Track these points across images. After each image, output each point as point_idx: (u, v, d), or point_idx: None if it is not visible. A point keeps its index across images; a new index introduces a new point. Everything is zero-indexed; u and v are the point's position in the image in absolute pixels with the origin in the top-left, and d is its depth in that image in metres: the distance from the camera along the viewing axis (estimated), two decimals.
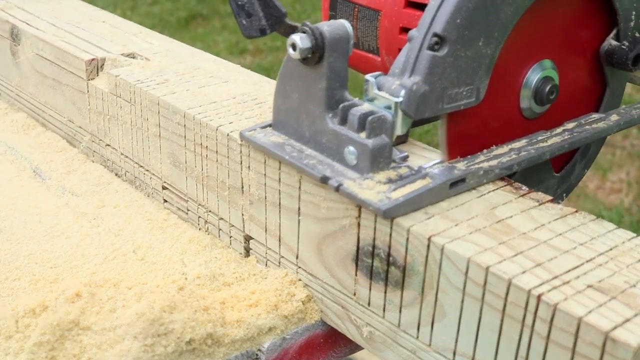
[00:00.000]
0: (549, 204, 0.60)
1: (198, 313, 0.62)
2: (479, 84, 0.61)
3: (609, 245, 0.55)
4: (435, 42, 0.58)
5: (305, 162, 0.62)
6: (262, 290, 0.67)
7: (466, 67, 0.60)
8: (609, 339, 0.46)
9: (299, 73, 0.62)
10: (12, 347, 0.60)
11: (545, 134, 0.68)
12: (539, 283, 0.50)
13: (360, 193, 0.57)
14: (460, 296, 0.54)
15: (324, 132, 0.62)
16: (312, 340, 0.68)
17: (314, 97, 0.61)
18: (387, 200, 0.56)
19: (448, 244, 0.54)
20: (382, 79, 0.60)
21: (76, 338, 0.60)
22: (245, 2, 0.60)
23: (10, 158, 0.93)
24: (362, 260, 0.61)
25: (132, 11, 3.86)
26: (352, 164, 0.60)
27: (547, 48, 0.68)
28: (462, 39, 0.58)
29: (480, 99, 0.62)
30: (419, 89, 0.58)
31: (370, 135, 0.59)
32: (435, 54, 0.58)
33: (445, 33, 0.58)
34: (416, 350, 0.59)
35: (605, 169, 2.45)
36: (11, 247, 0.75)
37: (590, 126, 0.70)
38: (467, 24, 0.58)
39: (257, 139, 0.65)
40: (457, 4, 0.58)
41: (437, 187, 0.59)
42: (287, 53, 0.60)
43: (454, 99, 0.60)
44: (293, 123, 0.65)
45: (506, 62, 0.64)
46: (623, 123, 0.72)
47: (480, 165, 0.62)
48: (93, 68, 0.89)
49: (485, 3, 0.59)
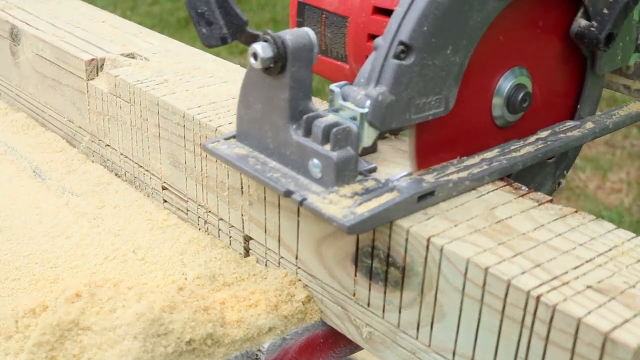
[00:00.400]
0: (549, 204, 0.60)
1: (198, 313, 0.62)
2: (447, 93, 0.59)
3: (608, 246, 0.55)
4: (401, 50, 0.56)
5: (269, 176, 0.60)
6: (261, 291, 0.67)
7: (434, 76, 0.58)
8: (608, 339, 0.46)
9: (261, 83, 0.60)
10: (12, 347, 0.60)
11: (518, 143, 0.67)
12: (538, 284, 0.50)
13: (324, 208, 0.55)
14: (459, 297, 0.54)
15: (288, 144, 0.60)
16: (312, 341, 0.68)
17: (277, 107, 0.60)
18: (351, 216, 0.55)
19: (447, 244, 0.54)
20: (348, 88, 0.58)
21: (76, 338, 0.60)
22: (205, 10, 0.57)
23: (10, 158, 0.93)
24: (362, 261, 0.61)
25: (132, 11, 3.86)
26: (317, 177, 0.58)
27: (520, 55, 0.66)
28: (429, 47, 0.57)
29: (449, 108, 0.60)
30: (385, 100, 0.56)
31: (335, 148, 0.57)
32: (401, 63, 0.56)
33: (412, 41, 0.56)
34: (416, 351, 0.59)
35: (605, 169, 2.45)
36: (11, 247, 0.75)
37: (565, 134, 0.69)
38: (435, 31, 0.57)
39: (220, 151, 0.64)
40: (423, 11, 0.56)
41: (404, 201, 0.57)
42: (249, 63, 0.58)
43: (422, 109, 0.58)
44: (257, 134, 0.63)
45: (477, 69, 0.62)
46: (598, 131, 0.71)
47: (449, 177, 0.60)
48: (93, 68, 0.89)
49: (453, 10, 0.57)
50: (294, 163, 0.60)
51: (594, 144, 2.56)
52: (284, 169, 0.61)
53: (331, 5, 0.72)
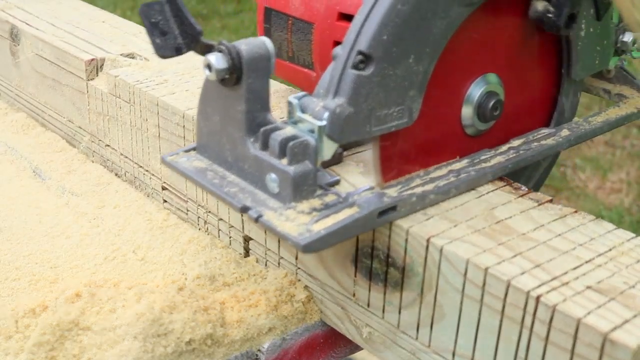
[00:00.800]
0: (548, 204, 0.60)
1: (198, 313, 0.62)
2: (411, 104, 0.57)
3: (608, 246, 0.55)
4: (360, 60, 0.54)
5: (226, 190, 0.58)
6: (261, 291, 0.67)
7: (396, 87, 0.56)
8: (607, 340, 0.46)
9: (218, 94, 0.58)
10: (12, 347, 0.60)
11: (488, 153, 0.65)
12: (538, 284, 0.50)
13: (280, 225, 0.53)
14: (459, 297, 0.54)
15: (246, 158, 0.57)
16: (312, 341, 0.68)
17: (234, 120, 0.57)
18: (307, 234, 0.53)
19: (447, 245, 0.54)
20: (307, 100, 0.56)
21: (76, 338, 0.60)
22: (159, 20, 0.54)
23: (10, 158, 0.93)
24: (362, 261, 0.61)
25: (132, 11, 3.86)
26: (275, 192, 0.56)
27: (490, 61, 0.64)
28: (389, 57, 0.54)
29: (413, 119, 0.58)
30: (343, 112, 0.54)
31: (292, 162, 0.54)
32: (360, 74, 0.54)
33: (371, 51, 0.54)
34: (415, 351, 0.59)
35: (605, 169, 2.45)
36: (11, 247, 0.75)
37: (538, 143, 0.67)
38: (395, 40, 0.54)
39: (179, 165, 0.61)
40: (382, 20, 0.54)
41: (363, 218, 0.55)
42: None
43: (384, 120, 0.56)
44: (215, 147, 0.60)
45: (444, 77, 0.60)
46: (574, 139, 0.69)
47: (413, 190, 0.58)
48: (93, 68, 0.89)
49: (415, 18, 0.55)
50: (252, 177, 0.58)
51: (594, 144, 2.56)
52: (242, 183, 0.58)
53: (297, 11, 0.69)
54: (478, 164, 0.63)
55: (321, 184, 0.57)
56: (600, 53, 0.71)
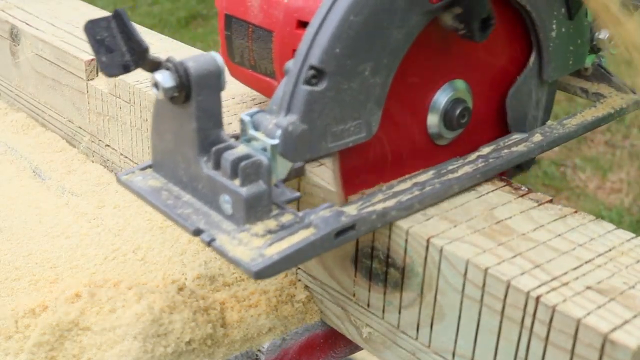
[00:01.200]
0: (548, 204, 0.60)
1: (198, 313, 0.62)
2: (369, 117, 0.55)
3: (608, 246, 0.55)
4: (312, 75, 0.52)
5: (179, 212, 0.55)
6: (261, 291, 0.67)
7: (352, 101, 0.54)
8: (607, 340, 0.46)
9: (170, 112, 0.55)
10: (12, 347, 0.60)
11: (456, 163, 0.63)
12: (537, 284, 0.50)
13: (232, 250, 0.51)
14: (459, 298, 0.54)
15: (199, 178, 0.55)
16: (312, 341, 0.68)
17: (186, 139, 0.54)
18: (260, 259, 0.50)
19: (447, 245, 0.54)
20: (260, 116, 0.54)
21: (76, 338, 0.60)
22: (105, 37, 0.51)
23: (10, 158, 0.93)
24: (362, 262, 0.61)
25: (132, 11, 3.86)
26: (228, 214, 0.53)
27: (456, 67, 0.62)
28: (343, 70, 0.52)
29: (372, 132, 0.56)
30: (296, 129, 0.52)
31: (245, 183, 0.52)
32: (312, 89, 0.52)
33: (323, 65, 0.52)
34: (415, 352, 0.59)
35: (605, 169, 2.45)
36: (11, 247, 0.75)
37: (509, 150, 0.65)
38: (349, 53, 0.52)
39: (133, 184, 0.59)
40: (334, 32, 0.52)
41: (319, 240, 0.52)
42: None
43: (340, 136, 0.54)
44: (171, 165, 0.58)
45: (405, 87, 0.58)
46: (546, 144, 0.67)
47: (374, 207, 0.56)
48: (93, 68, 0.89)
49: (369, 29, 0.53)
50: (206, 198, 0.55)
51: (594, 144, 2.56)
52: (197, 204, 0.55)
53: (256, 18, 0.66)
54: (444, 175, 0.61)
55: (278, 202, 0.55)
56: (575, 52, 0.69)
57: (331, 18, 0.52)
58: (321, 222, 0.54)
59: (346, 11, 0.52)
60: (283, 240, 0.52)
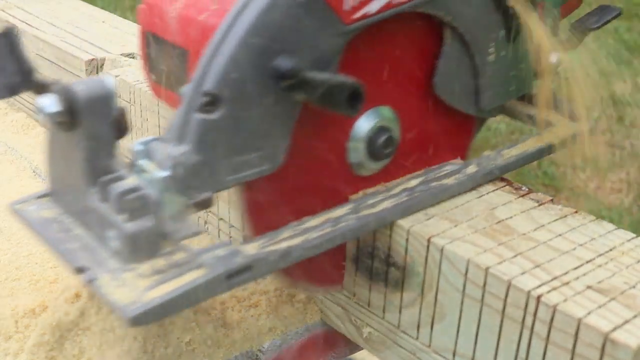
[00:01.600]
0: (549, 204, 0.60)
1: (198, 314, 0.62)
2: (274, 148, 0.50)
3: (608, 246, 0.55)
4: (206, 102, 0.47)
5: (65, 247, 0.51)
6: (262, 291, 0.67)
7: (253, 130, 0.49)
8: (608, 340, 0.46)
9: (60, 139, 0.52)
10: (11, 347, 0.60)
11: (377, 197, 0.58)
12: (538, 284, 0.50)
13: (111, 293, 0.47)
14: (459, 297, 0.54)
15: (89, 210, 0.50)
16: (312, 341, 0.68)
17: (76, 168, 0.50)
18: (138, 304, 0.46)
19: (448, 244, 0.54)
20: (155, 145, 0.49)
21: (76, 338, 0.60)
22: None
23: (10, 158, 0.93)
24: (362, 261, 0.61)
25: (132, 11, 3.86)
26: (115, 251, 0.49)
27: (383, 94, 0.57)
28: (242, 97, 0.48)
29: (278, 163, 0.51)
30: (188, 161, 0.47)
31: (131, 218, 0.47)
32: (207, 117, 0.47)
33: (218, 91, 0.47)
34: (416, 351, 0.59)
35: (605, 169, 2.45)
36: (11, 247, 0.75)
37: (439, 183, 0.59)
38: (248, 77, 0.48)
39: (25, 214, 0.55)
40: (232, 55, 0.47)
41: (208, 282, 0.48)
42: None
43: (240, 168, 0.49)
44: (64, 195, 0.54)
45: (319, 113, 0.52)
46: (481, 176, 0.61)
47: (277, 246, 0.52)
48: (93, 68, 0.89)
49: (272, 52, 0.47)
50: (96, 232, 0.51)
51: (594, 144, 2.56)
52: (86, 238, 0.51)
53: (173, 36, 0.60)
54: (363, 210, 0.56)
55: (175, 239, 0.49)
56: (517, 78, 0.63)
57: (229, 39, 0.48)
58: (213, 262, 0.49)
59: (246, 32, 0.48)
60: (169, 282, 0.47)
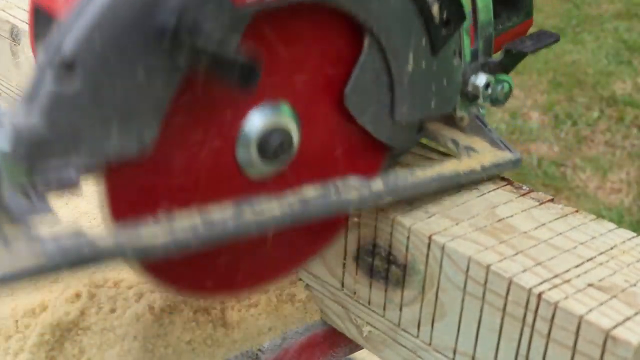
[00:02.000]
0: (550, 203, 0.60)
1: (198, 313, 0.62)
2: (141, 129, 0.44)
3: (609, 245, 0.55)
4: (62, 68, 0.41)
5: None
6: (262, 291, 0.66)
7: (117, 106, 0.43)
8: (609, 337, 0.46)
9: None
10: (11, 347, 0.60)
11: (265, 203, 0.50)
12: (539, 282, 0.50)
13: None
14: (460, 295, 0.54)
15: None
16: (312, 340, 0.68)
17: None
18: None
19: (449, 242, 0.54)
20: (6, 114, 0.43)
21: (76, 338, 0.60)
22: None
23: None
24: (363, 259, 0.61)
25: None
26: None
27: (281, 87, 0.51)
28: (105, 66, 0.42)
29: (145, 148, 0.45)
30: (33, 134, 0.41)
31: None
32: (61, 86, 0.41)
33: (77, 58, 0.41)
34: (416, 349, 0.59)
35: (605, 169, 2.45)
36: None
37: (337, 196, 0.52)
38: (114, 44, 0.42)
39: None
40: (97, 18, 0.41)
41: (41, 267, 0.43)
42: None
43: (99, 149, 0.44)
44: None
45: (200, 98, 0.47)
46: (385, 194, 0.54)
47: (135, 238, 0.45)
48: None
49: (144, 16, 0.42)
50: None
51: (594, 144, 2.56)
52: None
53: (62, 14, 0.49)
54: (246, 213, 0.49)
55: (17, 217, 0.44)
56: (438, 94, 0.58)
57: (96, 1, 0.42)
58: (54, 248, 0.44)
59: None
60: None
